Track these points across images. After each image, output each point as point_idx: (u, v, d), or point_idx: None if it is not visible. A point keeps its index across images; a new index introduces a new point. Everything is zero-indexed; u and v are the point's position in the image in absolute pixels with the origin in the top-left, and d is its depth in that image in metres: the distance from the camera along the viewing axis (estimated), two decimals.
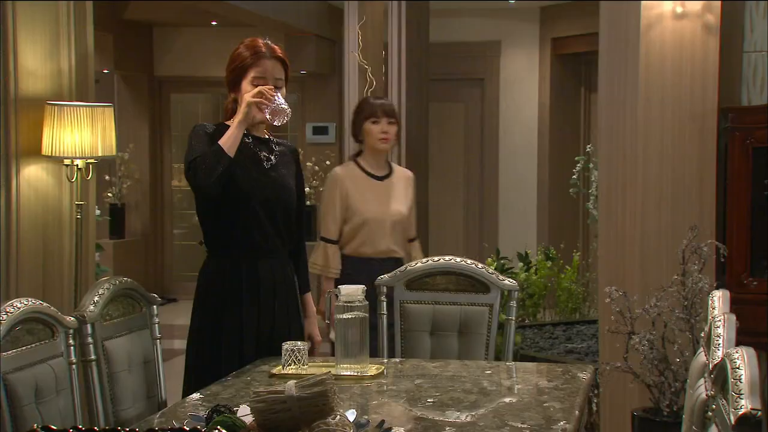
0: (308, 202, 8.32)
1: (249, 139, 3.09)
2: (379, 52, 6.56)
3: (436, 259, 3.41)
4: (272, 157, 3.13)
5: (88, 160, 3.86)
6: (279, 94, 2.99)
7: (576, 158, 7.42)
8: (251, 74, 3.03)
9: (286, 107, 2.98)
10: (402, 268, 3.43)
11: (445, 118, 8.95)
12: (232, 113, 3.08)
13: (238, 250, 3.06)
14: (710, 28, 4.33)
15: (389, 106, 4.16)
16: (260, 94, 2.95)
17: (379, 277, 3.44)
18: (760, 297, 4.18)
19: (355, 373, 2.76)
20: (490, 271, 3.35)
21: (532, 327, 6.43)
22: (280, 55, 3.09)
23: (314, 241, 4.31)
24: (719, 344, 2.17)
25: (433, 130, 7.18)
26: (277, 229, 3.10)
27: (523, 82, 8.95)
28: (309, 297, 3.27)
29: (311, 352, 3.19)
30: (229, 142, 2.93)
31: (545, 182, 8.81)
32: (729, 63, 4.46)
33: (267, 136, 3.17)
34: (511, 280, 3.35)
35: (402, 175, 4.20)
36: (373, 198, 4.06)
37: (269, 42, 3.11)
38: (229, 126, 3.03)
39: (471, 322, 3.31)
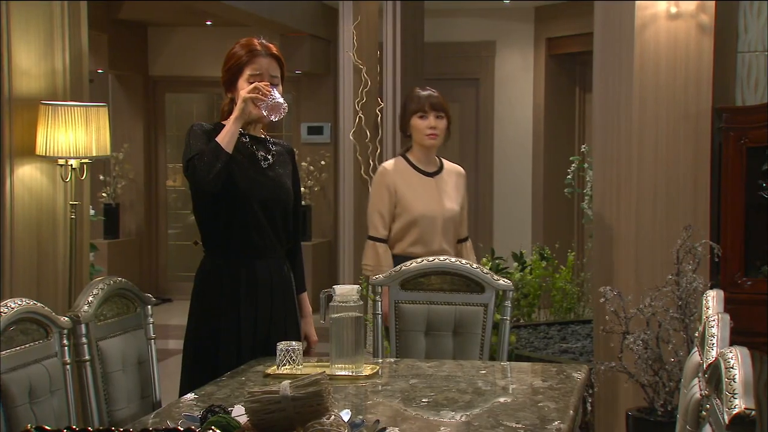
0: (303, 202, 8.32)
1: (246, 138, 3.09)
2: (373, 52, 6.56)
3: (430, 259, 3.41)
4: (269, 157, 3.12)
5: (83, 160, 3.86)
6: (275, 90, 2.99)
7: (571, 158, 7.43)
8: (247, 72, 3.04)
9: (282, 102, 2.98)
10: (397, 268, 3.42)
11: None
12: (229, 114, 3.07)
13: (236, 250, 3.05)
14: (704, 28, 4.34)
15: (437, 98, 3.92)
16: (256, 90, 2.95)
17: (373, 277, 3.44)
18: (754, 297, 4.19)
19: (350, 373, 2.76)
20: (485, 271, 3.35)
21: (526, 327, 6.43)
22: (276, 52, 3.10)
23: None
24: (713, 344, 2.17)
25: None
26: (275, 229, 3.09)
27: (517, 82, 8.96)
28: (305, 297, 3.27)
29: (307, 352, 3.19)
30: (226, 138, 2.93)
31: (540, 182, 8.82)
32: (723, 63, 4.47)
33: (264, 136, 3.17)
34: (506, 280, 3.35)
35: (453, 170, 4.01)
36: (423, 194, 3.88)
37: (264, 41, 3.12)
38: (225, 125, 3.03)
39: (466, 322, 3.30)
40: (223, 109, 3.14)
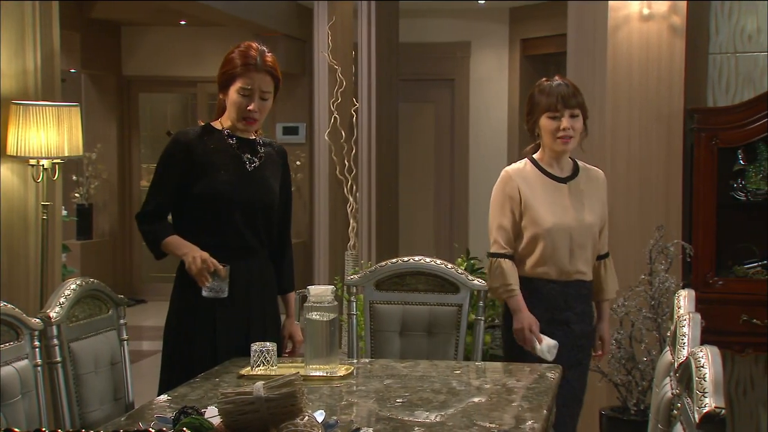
0: None
1: (233, 140, 3.07)
2: (348, 52, 6.55)
3: (405, 259, 3.41)
4: (256, 159, 3.09)
5: (54, 160, 3.83)
6: (219, 275, 2.92)
7: None
8: (238, 84, 3.00)
9: (221, 290, 2.92)
10: (371, 268, 3.42)
11: (415, 119, 8.96)
12: (222, 111, 3.09)
13: (214, 251, 3.03)
14: (676, 30, 4.37)
15: (570, 93, 3.33)
16: (200, 273, 2.90)
17: (348, 278, 3.44)
18: (725, 296, 4.23)
19: (324, 374, 2.75)
20: (460, 271, 3.35)
21: (501, 327, 6.44)
22: (271, 67, 3.04)
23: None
24: (684, 343, 2.19)
25: (402, 130, 7.18)
26: (256, 231, 3.07)
27: (492, 82, 8.99)
28: (292, 297, 3.24)
29: (292, 353, 3.18)
30: (168, 250, 3.02)
31: None
32: (695, 64, 4.50)
33: (253, 137, 3.15)
34: (481, 281, 3.36)
35: (591, 175, 3.44)
36: (554, 204, 3.32)
37: (265, 50, 3.05)
38: (215, 128, 3.06)
39: (440, 323, 3.31)
40: (219, 105, 3.13)
